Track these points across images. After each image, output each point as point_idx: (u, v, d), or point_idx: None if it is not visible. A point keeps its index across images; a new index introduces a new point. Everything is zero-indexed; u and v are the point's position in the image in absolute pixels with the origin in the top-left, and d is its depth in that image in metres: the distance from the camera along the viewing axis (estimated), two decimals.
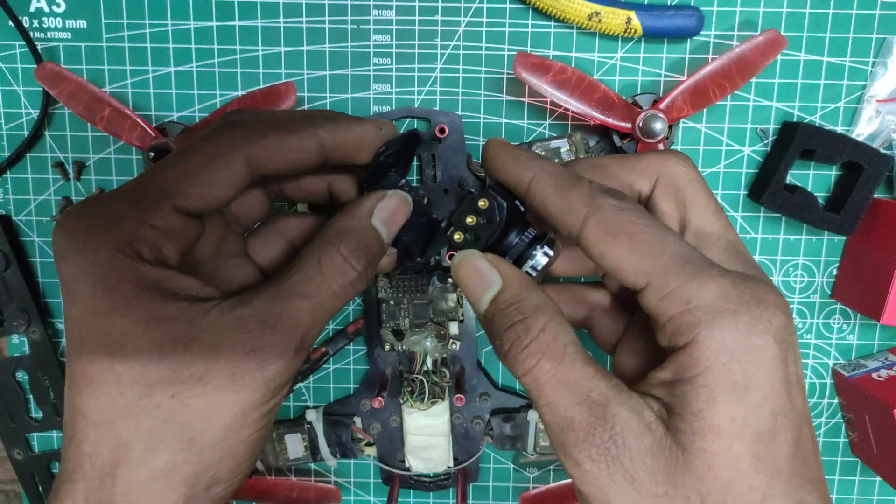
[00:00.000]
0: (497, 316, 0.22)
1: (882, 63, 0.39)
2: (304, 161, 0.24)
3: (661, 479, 0.19)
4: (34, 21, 0.40)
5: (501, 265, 0.23)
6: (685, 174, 0.24)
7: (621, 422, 0.19)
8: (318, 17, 0.40)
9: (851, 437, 0.44)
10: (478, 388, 0.43)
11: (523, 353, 0.21)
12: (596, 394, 0.20)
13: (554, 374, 0.20)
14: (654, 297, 0.20)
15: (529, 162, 0.23)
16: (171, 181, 0.22)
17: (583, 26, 0.39)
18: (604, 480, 0.19)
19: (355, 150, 0.25)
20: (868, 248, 0.40)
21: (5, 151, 0.42)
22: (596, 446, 0.19)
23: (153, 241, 0.22)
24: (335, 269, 0.23)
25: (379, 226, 0.25)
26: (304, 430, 0.43)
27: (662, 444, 0.19)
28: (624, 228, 0.21)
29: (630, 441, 0.19)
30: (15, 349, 0.44)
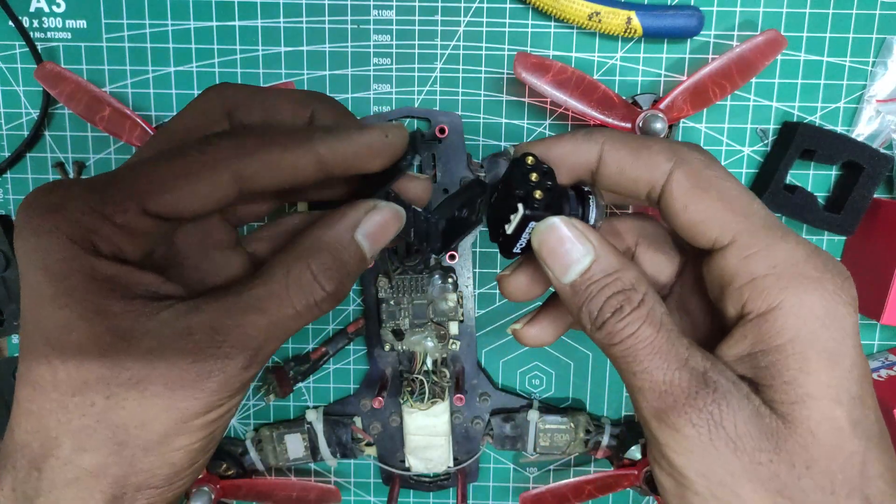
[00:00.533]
0: (592, 286, 0.21)
1: (882, 63, 0.39)
2: (302, 176, 0.22)
3: (765, 446, 0.19)
4: (34, 21, 0.40)
5: (592, 234, 0.22)
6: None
7: (723, 387, 0.19)
8: (318, 17, 0.40)
9: None
10: (478, 388, 0.43)
11: (623, 321, 0.20)
12: (694, 361, 0.20)
13: (653, 341, 0.20)
14: (738, 255, 0.20)
15: (591, 133, 0.23)
16: (147, 182, 0.21)
17: (583, 26, 0.39)
18: (705, 446, 0.19)
19: (361, 161, 0.23)
20: (868, 249, 0.40)
21: (5, 151, 0.42)
22: (698, 410, 0.19)
23: (113, 237, 0.21)
24: (301, 287, 0.21)
25: (363, 241, 0.23)
26: (304, 430, 0.43)
27: (762, 413, 0.19)
28: (712, 183, 0.21)
29: (734, 406, 0.19)
30: (15, 349, 0.44)
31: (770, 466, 0.19)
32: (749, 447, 0.19)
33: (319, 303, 0.22)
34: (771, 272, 0.19)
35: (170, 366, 0.20)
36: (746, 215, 0.20)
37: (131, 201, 0.21)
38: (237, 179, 0.21)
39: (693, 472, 0.19)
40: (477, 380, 0.43)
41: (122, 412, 0.20)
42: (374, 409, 0.42)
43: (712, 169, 0.21)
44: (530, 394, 0.45)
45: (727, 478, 0.19)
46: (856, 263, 0.41)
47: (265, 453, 0.44)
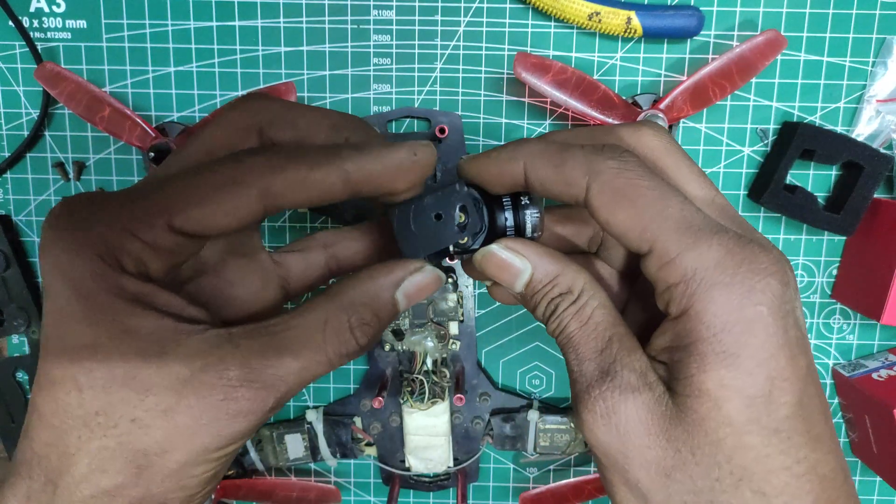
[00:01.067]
0: (536, 294, 0.24)
1: (882, 63, 0.39)
2: (328, 196, 0.22)
3: (653, 431, 0.20)
4: (34, 21, 0.40)
5: (524, 248, 0.24)
6: (661, 145, 0.23)
7: (620, 378, 0.21)
8: (318, 17, 0.40)
9: (851, 437, 0.44)
10: (478, 388, 0.43)
11: (556, 319, 0.23)
12: (606, 353, 0.22)
13: (576, 335, 0.22)
14: (655, 264, 0.21)
15: (513, 152, 0.23)
16: (175, 198, 0.21)
17: (583, 26, 0.39)
18: (599, 430, 0.21)
19: (389, 182, 0.22)
20: (868, 248, 0.40)
21: (5, 151, 0.42)
22: (593, 398, 0.21)
23: (139, 254, 0.20)
24: (338, 338, 0.22)
25: (401, 300, 0.23)
26: (304, 430, 0.43)
27: (660, 401, 0.21)
28: (625, 192, 0.21)
29: (627, 396, 0.21)
30: (15, 349, 0.44)
31: (656, 450, 0.20)
32: (637, 432, 0.21)
33: (351, 354, 0.22)
34: (681, 280, 0.20)
35: (199, 399, 0.20)
36: (660, 221, 0.20)
37: (158, 217, 0.20)
38: (264, 197, 0.21)
39: (596, 450, 0.22)
40: (477, 380, 0.43)
41: (146, 438, 0.20)
42: (374, 409, 0.42)
43: (625, 175, 0.21)
44: (530, 394, 0.45)
45: (619, 457, 0.21)
46: (856, 263, 0.41)
47: (265, 453, 0.44)
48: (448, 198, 0.24)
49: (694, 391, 0.20)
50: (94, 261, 0.20)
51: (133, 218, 0.20)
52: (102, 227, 0.20)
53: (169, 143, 0.38)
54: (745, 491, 0.20)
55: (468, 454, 0.44)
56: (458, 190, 0.24)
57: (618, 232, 0.21)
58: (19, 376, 0.44)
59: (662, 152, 0.23)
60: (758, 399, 0.20)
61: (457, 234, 0.24)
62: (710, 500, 0.20)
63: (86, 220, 0.20)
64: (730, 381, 0.20)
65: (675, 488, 0.20)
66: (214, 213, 0.21)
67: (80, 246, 0.20)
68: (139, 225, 0.20)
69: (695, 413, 0.20)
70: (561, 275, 0.23)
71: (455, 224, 0.24)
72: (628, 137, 0.24)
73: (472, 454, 0.44)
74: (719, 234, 0.20)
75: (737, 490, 0.20)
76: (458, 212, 0.24)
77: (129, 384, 0.19)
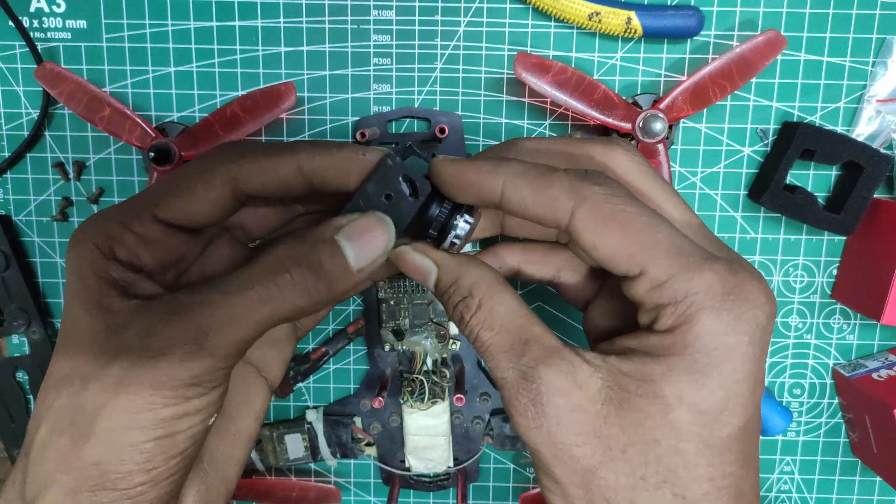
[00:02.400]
0: (442, 297, 0.24)
1: (882, 63, 0.39)
2: (285, 182, 0.24)
3: (583, 430, 0.21)
4: (34, 21, 0.40)
5: (431, 252, 0.24)
6: (635, 166, 0.24)
7: (545, 382, 0.21)
8: (318, 18, 0.40)
9: (851, 437, 0.44)
10: (478, 388, 0.43)
11: (467, 328, 0.23)
12: (526, 357, 0.22)
13: (491, 344, 0.22)
14: (645, 287, 0.21)
15: (495, 169, 0.23)
16: (158, 193, 0.24)
17: (583, 26, 0.39)
18: (531, 433, 0.22)
19: (339, 174, 0.24)
20: (868, 249, 0.40)
21: (5, 151, 0.42)
22: (522, 403, 0.22)
23: (131, 245, 0.23)
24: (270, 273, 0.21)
25: (345, 244, 0.23)
26: (304, 431, 0.43)
27: (593, 400, 0.21)
28: (615, 217, 0.21)
29: (554, 400, 0.21)
30: (15, 349, 0.44)
31: (585, 448, 0.21)
32: (569, 430, 0.21)
33: (282, 287, 0.21)
34: (671, 301, 0.21)
35: (126, 357, 0.20)
36: (651, 246, 0.21)
37: (145, 210, 0.23)
38: (229, 181, 0.24)
39: (530, 450, 0.22)
40: (477, 380, 0.43)
41: (86, 394, 0.20)
42: (374, 409, 0.42)
43: (612, 201, 0.21)
44: None
45: (548, 456, 0.21)
46: (856, 263, 0.41)
47: (265, 453, 0.44)
48: (387, 175, 0.24)
49: (648, 393, 0.21)
50: (92, 250, 0.23)
51: (125, 212, 0.23)
52: (101, 221, 0.23)
53: (169, 143, 0.38)
54: (666, 492, 0.21)
55: (468, 454, 0.44)
56: (391, 164, 0.24)
57: (604, 256, 0.21)
58: (19, 376, 0.44)
59: (637, 173, 0.24)
60: (707, 415, 0.21)
61: (413, 203, 0.24)
62: (631, 498, 0.21)
63: (93, 219, 0.24)
64: (688, 394, 0.20)
65: (596, 484, 0.21)
66: (190, 200, 0.23)
67: (84, 239, 0.23)
68: (129, 218, 0.23)
69: (640, 412, 0.21)
70: (461, 277, 0.23)
71: (407, 196, 0.24)
72: (600, 156, 0.24)
73: (472, 454, 0.44)
74: (710, 260, 0.21)
75: (658, 490, 0.21)
76: (404, 182, 0.24)
77: (90, 351, 0.21)
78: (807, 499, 0.45)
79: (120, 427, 0.20)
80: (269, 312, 0.21)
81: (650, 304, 0.21)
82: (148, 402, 0.20)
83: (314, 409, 0.43)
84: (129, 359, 0.20)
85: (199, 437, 0.22)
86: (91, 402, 0.20)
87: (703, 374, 0.20)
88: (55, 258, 0.43)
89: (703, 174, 0.41)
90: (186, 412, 0.21)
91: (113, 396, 0.20)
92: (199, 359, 0.20)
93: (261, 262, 0.22)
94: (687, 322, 0.20)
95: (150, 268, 0.24)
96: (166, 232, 0.24)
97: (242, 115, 0.39)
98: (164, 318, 0.21)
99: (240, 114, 0.39)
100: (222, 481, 0.26)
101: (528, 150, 0.25)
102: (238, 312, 0.21)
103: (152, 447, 0.21)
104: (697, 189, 0.41)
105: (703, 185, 0.41)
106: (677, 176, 0.41)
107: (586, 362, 0.22)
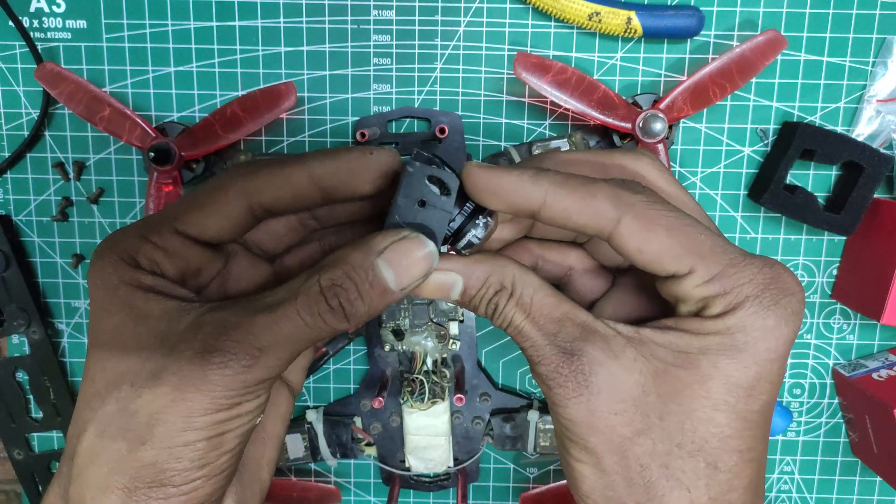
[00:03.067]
0: (473, 300, 0.25)
1: (882, 63, 0.39)
2: (298, 191, 0.25)
3: (623, 398, 0.22)
4: (34, 21, 0.40)
5: (453, 264, 0.25)
6: (661, 174, 0.25)
7: (586, 354, 0.22)
8: (318, 18, 0.40)
9: (852, 437, 0.44)
10: (478, 388, 0.43)
11: (500, 315, 0.24)
12: (563, 333, 0.23)
13: (524, 325, 0.23)
14: (694, 282, 0.22)
15: (536, 178, 0.23)
16: (175, 209, 0.25)
17: (583, 26, 0.39)
18: (569, 402, 0.22)
19: (348, 176, 0.25)
20: (868, 248, 0.40)
21: (5, 151, 0.42)
22: (564, 375, 0.22)
23: (152, 255, 0.24)
24: (309, 298, 0.22)
25: (384, 268, 0.23)
26: (304, 431, 0.43)
27: (630, 369, 0.22)
28: (659, 223, 0.22)
29: (596, 370, 0.22)
30: (15, 349, 0.44)
31: (623, 416, 0.22)
32: (609, 399, 0.22)
33: (324, 315, 0.22)
34: (720, 294, 0.22)
35: (178, 358, 0.21)
36: (696, 247, 0.22)
37: (165, 225, 0.24)
38: (244, 194, 0.25)
39: (564, 424, 0.23)
40: (477, 380, 0.43)
41: (139, 401, 0.21)
42: (375, 409, 0.42)
43: (655, 207, 0.23)
44: (531, 394, 0.45)
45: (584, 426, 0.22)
46: (856, 263, 0.41)
47: None
48: (412, 182, 0.24)
49: (686, 363, 0.22)
50: (117, 263, 0.23)
51: (146, 227, 0.24)
52: (123, 237, 0.24)
53: (169, 143, 0.38)
54: (699, 461, 0.22)
55: (468, 454, 0.44)
56: (412, 171, 0.24)
57: (650, 259, 0.23)
58: (19, 376, 0.44)
59: (663, 181, 0.25)
60: (740, 388, 0.22)
61: (447, 201, 0.24)
62: (665, 462, 0.22)
63: (112, 238, 0.24)
64: (724, 367, 0.22)
65: (632, 451, 0.22)
66: (207, 213, 0.25)
67: (105, 253, 0.24)
68: (150, 231, 0.24)
69: (677, 381, 0.22)
70: (491, 275, 0.24)
71: (439, 196, 0.24)
72: (631, 165, 0.25)
73: (472, 454, 0.44)
74: (748, 256, 0.23)
75: (692, 458, 0.22)
76: (431, 185, 0.24)
77: (137, 356, 0.22)
78: (807, 499, 0.45)
79: (177, 430, 0.21)
80: (313, 335, 0.23)
81: (697, 297, 0.23)
82: (203, 409, 0.21)
83: (314, 409, 0.43)
84: (186, 368, 0.21)
85: (247, 436, 0.24)
86: (145, 407, 0.21)
87: (741, 350, 0.22)
88: (55, 258, 0.43)
89: (703, 174, 0.41)
90: (239, 414, 0.22)
91: (170, 403, 0.21)
92: (254, 372, 0.22)
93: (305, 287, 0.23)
94: (733, 309, 0.22)
95: (172, 278, 0.24)
96: (185, 244, 0.25)
97: (242, 115, 0.39)
98: (218, 336, 0.22)
99: (240, 114, 0.39)
100: (256, 481, 0.28)
101: (560, 162, 0.26)
102: (285, 335, 0.22)
103: (205, 445, 0.22)
104: (697, 189, 0.41)
105: (703, 184, 0.41)
106: (677, 176, 0.41)
107: (619, 334, 0.23)
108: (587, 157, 0.26)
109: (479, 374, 0.43)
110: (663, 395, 0.22)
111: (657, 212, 0.23)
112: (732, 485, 0.22)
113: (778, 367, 0.23)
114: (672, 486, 0.22)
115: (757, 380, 0.22)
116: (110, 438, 0.22)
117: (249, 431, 0.24)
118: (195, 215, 0.25)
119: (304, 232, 0.29)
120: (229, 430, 0.22)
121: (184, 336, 0.22)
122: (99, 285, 0.23)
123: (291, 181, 0.25)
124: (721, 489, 0.22)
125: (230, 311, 0.22)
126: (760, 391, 0.22)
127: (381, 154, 0.25)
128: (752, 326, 0.22)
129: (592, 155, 0.26)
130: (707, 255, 0.22)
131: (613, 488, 0.23)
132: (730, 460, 0.22)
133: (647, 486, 0.22)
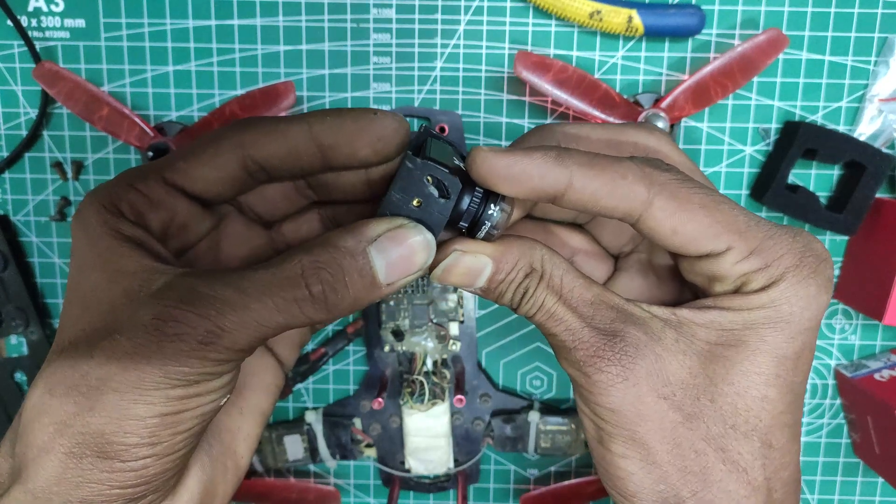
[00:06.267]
0: (501, 285, 0.23)
1: (884, 62, 0.39)
2: (295, 149, 0.23)
3: (671, 381, 0.21)
4: (33, 20, 0.40)
5: (484, 248, 0.23)
6: (675, 150, 0.24)
7: (629, 337, 0.21)
8: (318, 16, 0.40)
9: (854, 438, 0.43)
10: (478, 389, 0.43)
11: (531, 299, 0.23)
12: (599, 316, 0.22)
13: (556, 308, 0.22)
14: (733, 259, 0.22)
15: (560, 159, 0.21)
16: (168, 158, 0.23)
17: (584, 25, 0.38)
18: (615, 390, 0.21)
19: (349, 137, 0.22)
20: (870, 249, 0.40)
21: (3, 151, 0.42)
22: (605, 360, 0.21)
23: (135, 203, 0.22)
24: (287, 281, 0.20)
25: (376, 258, 0.21)
26: (303, 432, 0.43)
27: (673, 351, 0.21)
28: (693, 201, 0.21)
29: (641, 352, 0.21)
30: (13, 350, 0.44)
31: (672, 401, 0.21)
32: (656, 384, 0.21)
33: (300, 303, 0.20)
34: (760, 268, 0.21)
35: (136, 321, 0.20)
36: (733, 223, 0.22)
37: (152, 172, 0.23)
38: (238, 146, 0.23)
39: (605, 412, 0.22)
40: (477, 381, 0.43)
41: (91, 361, 0.20)
42: (374, 410, 0.42)
43: (686, 185, 0.22)
44: (531, 395, 0.44)
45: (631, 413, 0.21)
46: (858, 263, 0.41)
47: (264, 454, 0.43)
48: (411, 179, 0.22)
49: (731, 341, 0.21)
50: (100, 210, 0.22)
51: (133, 175, 0.23)
52: (109, 185, 0.23)
53: (168, 143, 0.38)
54: (754, 440, 0.21)
55: (469, 455, 0.44)
56: (412, 167, 0.22)
57: (685, 240, 0.21)
58: (17, 377, 0.44)
59: (680, 156, 0.24)
60: (788, 360, 0.21)
61: (444, 203, 0.22)
62: (722, 446, 0.21)
63: (99, 186, 0.23)
64: (771, 340, 0.21)
65: (686, 437, 0.21)
66: (198, 163, 0.23)
67: (91, 202, 0.22)
68: (136, 179, 0.23)
69: (725, 360, 0.21)
70: (520, 258, 0.23)
71: (438, 196, 0.22)
72: (644, 140, 0.24)
73: (472, 455, 0.44)
74: (780, 227, 0.22)
75: (747, 438, 0.21)
76: (431, 185, 0.22)
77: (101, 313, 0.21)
78: (809, 500, 0.45)
79: (127, 401, 0.19)
80: (285, 322, 0.21)
81: (737, 274, 0.22)
82: (155, 382, 0.20)
83: (313, 411, 0.43)
84: (141, 336, 0.19)
85: (208, 416, 0.21)
86: (96, 370, 0.20)
87: (787, 322, 0.21)
88: (53, 258, 0.43)
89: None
90: (198, 393, 0.20)
91: (121, 370, 0.19)
92: (213, 351, 0.20)
93: (283, 268, 0.20)
94: (776, 281, 0.21)
95: (154, 231, 0.23)
96: (172, 194, 0.23)
97: (241, 115, 0.38)
98: (179, 305, 0.20)
99: (239, 113, 0.38)
100: (229, 455, 0.25)
101: (567, 137, 0.24)
102: (253, 318, 0.20)
103: (157, 423, 0.20)
104: None
105: None
106: None
107: (655, 316, 0.22)
108: (597, 133, 0.24)
109: (480, 374, 0.43)
110: (712, 377, 0.21)
111: (689, 190, 0.21)
112: (784, 462, 0.22)
113: (815, 336, 0.22)
114: (729, 470, 0.21)
115: (802, 349, 0.22)
116: (58, 397, 0.20)
117: (212, 413, 0.21)
118: (184, 164, 0.23)
119: (301, 202, 0.26)
120: (187, 409, 0.20)
121: (149, 299, 0.20)
122: (80, 236, 0.22)
123: (288, 135, 0.22)
124: (775, 467, 0.22)
125: (202, 280, 0.20)
126: (804, 361, 0.22)
127: (385, 116, 0.22)
128: (797, 296, 0.21)
129: (602, 130, 0.24)
130: (744, 231, 0.22)
131: (666, 481, 0.21)
132: (782, 437, 0.22)
133: (704, 473, 0.21)
